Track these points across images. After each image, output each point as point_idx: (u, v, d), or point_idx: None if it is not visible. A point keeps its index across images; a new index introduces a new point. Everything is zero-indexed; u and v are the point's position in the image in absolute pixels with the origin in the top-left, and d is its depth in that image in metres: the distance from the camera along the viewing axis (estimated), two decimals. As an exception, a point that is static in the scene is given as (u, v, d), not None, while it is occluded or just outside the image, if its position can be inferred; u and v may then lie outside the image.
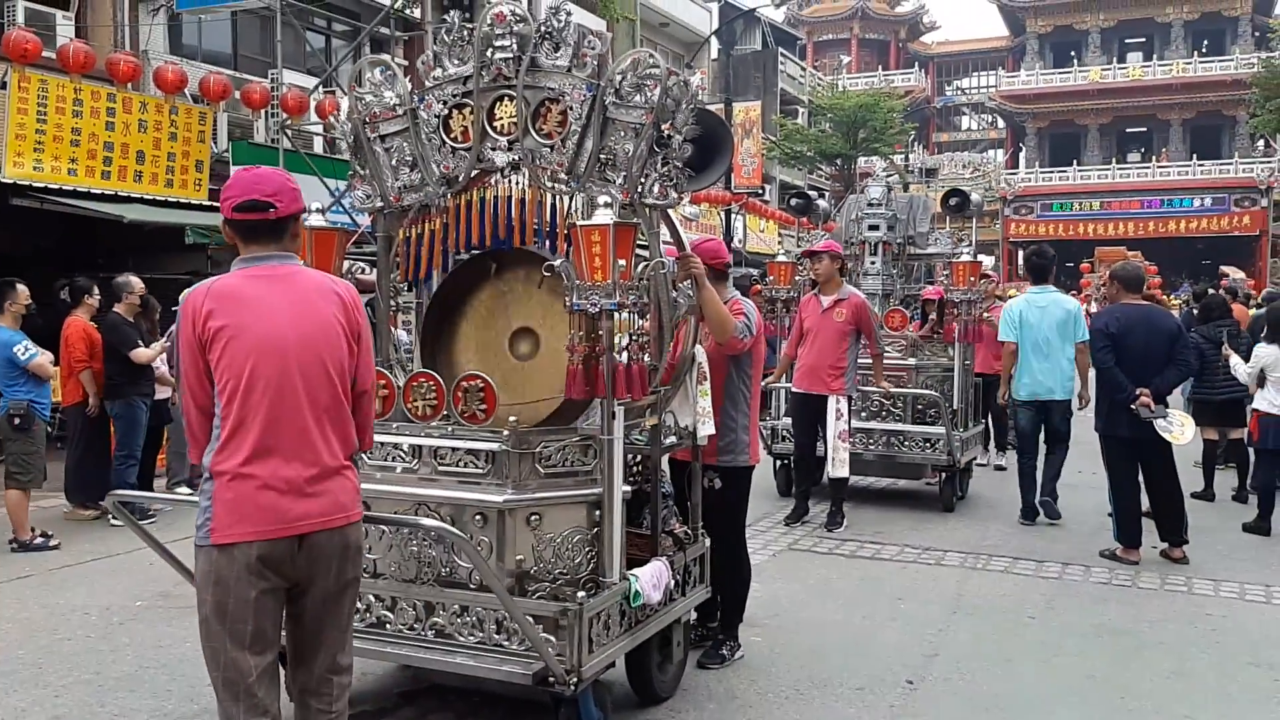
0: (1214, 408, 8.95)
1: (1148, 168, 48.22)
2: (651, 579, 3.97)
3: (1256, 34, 48.52)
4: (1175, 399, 7.87)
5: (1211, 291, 11.54)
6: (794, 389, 7.92)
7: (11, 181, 11.36)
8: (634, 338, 3.72)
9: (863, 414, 8.61)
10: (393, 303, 4.57)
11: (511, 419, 3.76)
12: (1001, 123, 57.51)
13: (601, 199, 3.56)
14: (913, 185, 40.04)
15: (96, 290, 8.25)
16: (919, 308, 9.72)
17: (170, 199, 13.18)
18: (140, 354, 8.06)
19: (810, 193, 10.54)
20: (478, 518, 3.72)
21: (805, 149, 34.61)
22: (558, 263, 3.63)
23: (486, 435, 3.77)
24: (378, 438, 3.74)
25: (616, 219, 3.50)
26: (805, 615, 5.73)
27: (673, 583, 4.20)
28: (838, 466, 7.62)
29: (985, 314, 9.93)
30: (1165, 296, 21.24)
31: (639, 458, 4.38)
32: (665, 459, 4.51)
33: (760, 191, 28.67)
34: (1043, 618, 5.74)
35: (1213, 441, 9.06)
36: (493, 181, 4.15)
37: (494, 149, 4.02)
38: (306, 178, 14.52)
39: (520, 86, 3.91)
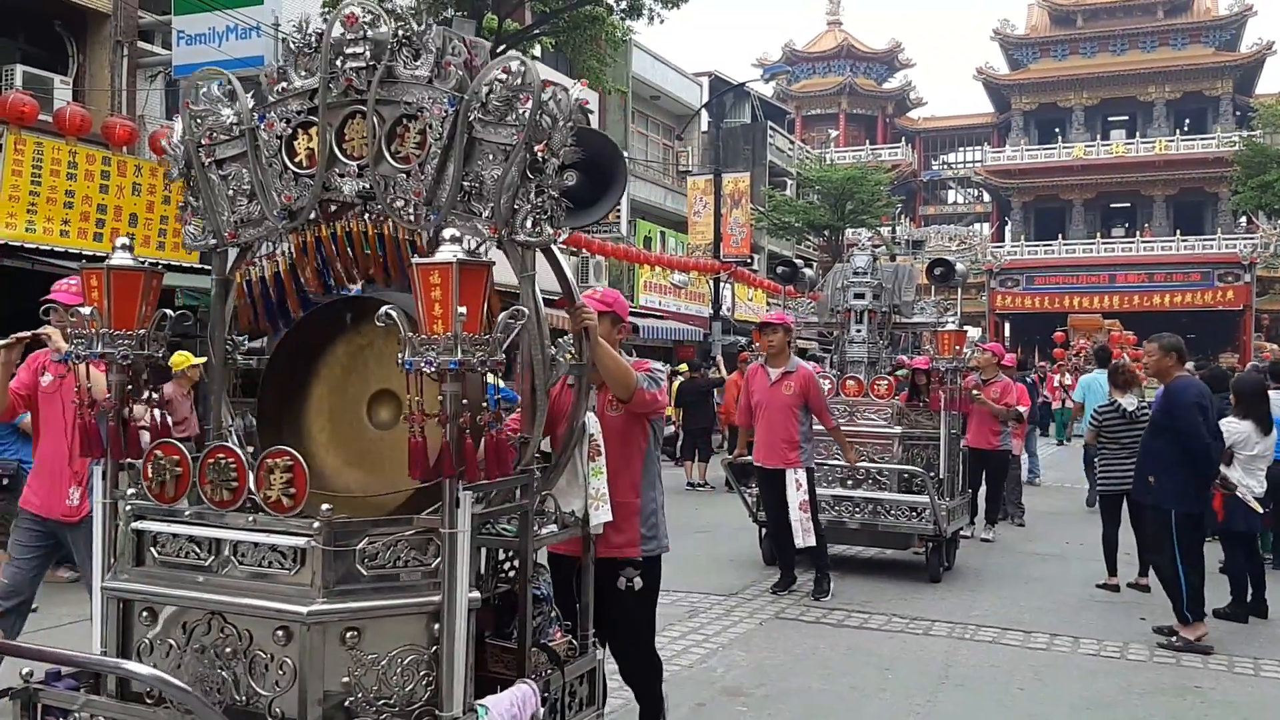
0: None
1: (1132, 242, 48.88)
2: (508, 709, 3.19)
3: (1238, 113, 49.60)
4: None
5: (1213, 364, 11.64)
6: (755, 462, 7.88)
7: (4, 242, 11.40)
8: (488, 404, 2.98)
9: (848, 482, 8.59)
10: (240, 360, 3.82)
11: (325, 507, 2.98)
12: (987, 196, 58.33)
13: (448, 232, 2.90)
14: (900, 257, 40.39)
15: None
16: (908, 377, 9.72)
17: (163, 262, 13.21)
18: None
19: (796, 261, 10.66)
20: (279, 633, 2.90)
21: (793, 220, 34.97)
22: (391, 309, 2.94)
23: (296, 528, 2.99)
24: (166, 528, 3.11)
25: (463, 256, 2.81)
26: (791, 684, 5.66)
27: (542, 712, 3.37)
28: (803, 537, 7.50)
29: (975, 391, 9.97)
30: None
31: (510, 554, 3.65)
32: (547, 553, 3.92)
33: (749, 261, 28.89)
34: (1032, 689, 5.69)
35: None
36: (346, 215, 3.47)
37: (342, 175, 3.34)
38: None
39: (372, 100, 3.23)
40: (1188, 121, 51.85)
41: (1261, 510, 6.92)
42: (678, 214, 29.22)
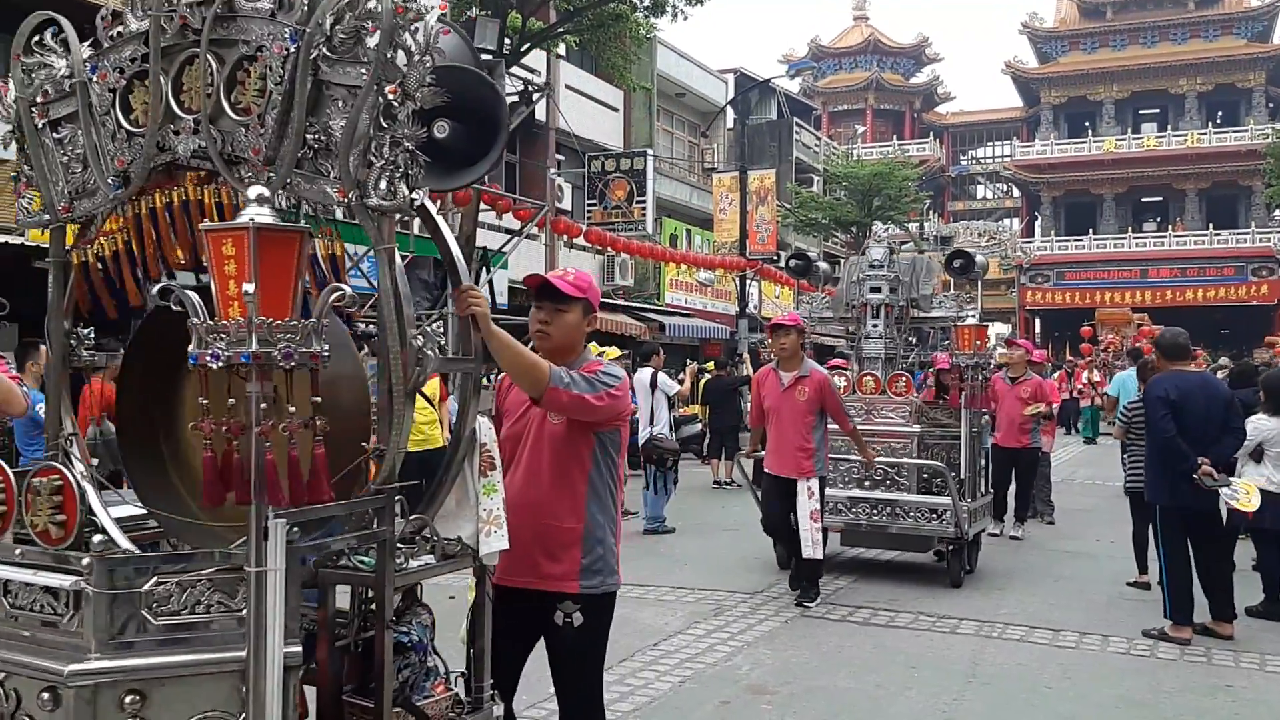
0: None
1: (1164, 237, 48.36)
2: None
3: (1271, 105, 48.96)
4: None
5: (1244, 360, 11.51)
6: (765, 469, 7.62)
7: (35, 244, 11.53)
8: (295, 410, 2.33)
9: (865, 483, 8.38)
10: (89, 355, 3.29)
11: (98, 539, 2.47)
12: (1016, 192, 57.85)
13: (254, 191, 2.35)
14: (928, 253, 40.17)
15: (121, 353, 8.30)
16: (933, 375, 9.67)
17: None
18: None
19: (810, 254, 10.16)
20: (44, 695, 2.35)
21: (820, 216, 34.84)
22: (173, 285, 2.48)
23: (66, 564, 2.47)
24: None
25: (265, 220, 2.25)
26: (817, 683, 5.64)
27: None
28: (812, 549, 7.21)
29: (1033, 410, 9.98)
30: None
31: (367, 592, 2.88)
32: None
33: (775, 258, 28.81)
34: (1059, 688, 5.64)
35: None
36: (185, 179, 2.91)
37: (178, 132, 2.77)
38: (325, 242, 14.73)
39: (205, 39, 2.66)
40: (1220, 114, 51.15)
41: (1250, 510, 6.75)
42: (703, 211, 29.19)
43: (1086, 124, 52.45)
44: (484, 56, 14.58)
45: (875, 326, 9.16)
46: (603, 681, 3.47)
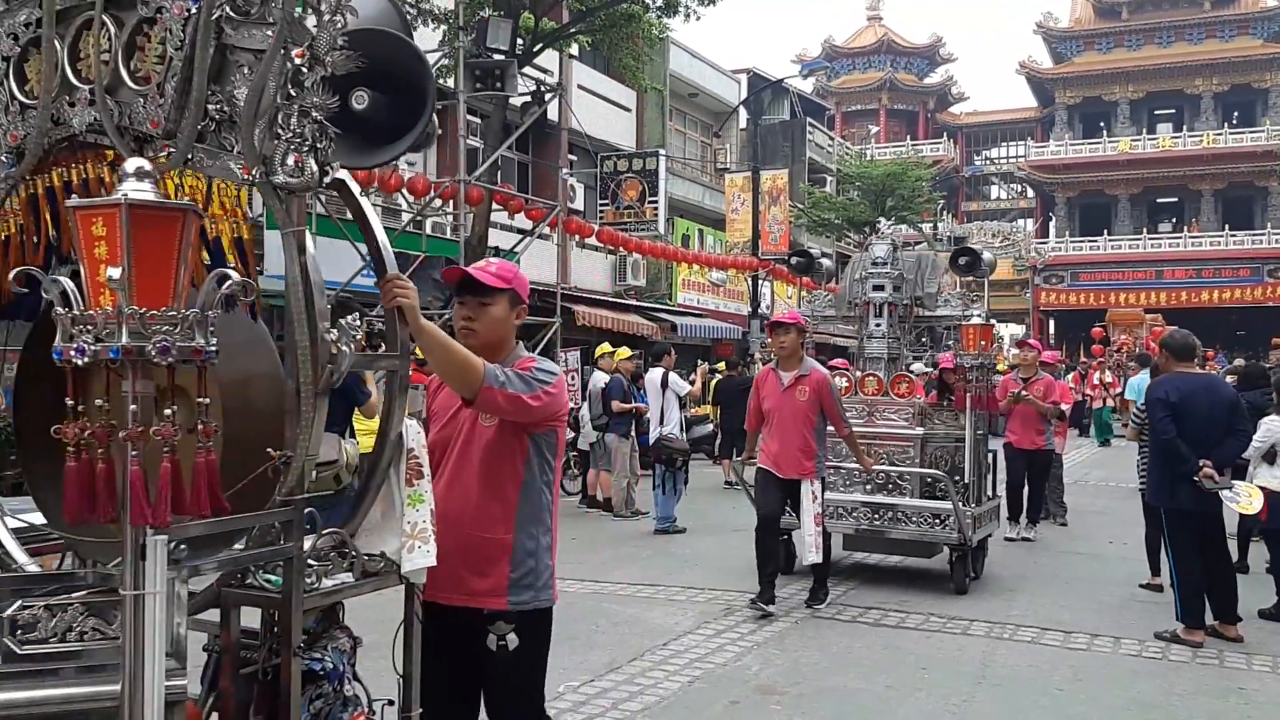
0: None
1: (1179, 238, 48.11)
2: None
3: (1287, 105, 48.62)
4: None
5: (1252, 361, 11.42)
6: (760, 465, 7.30)
7: (50, 243, 11.60)
8: (172, 414, 2.00)
9: (867, 486, 8.18)
10: None
11: None
12: (1031, 192, 57.64)
13: (131, 164, 2.05)
14: (941, 253, 40.08)
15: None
16: (937, 375, 9.58)
17: (204, 263, 13.35)
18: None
19: (812, 250, 9.81)
20: None
21: (833, 217, 34.79)
22: (34, 270, 2.24)
23: None
24: None
25: (139, 196, 1.97)
26: (827, 683, 5.63)
27: None
28: (814, 553, 7.07)
29: (1022, 391, 9.82)
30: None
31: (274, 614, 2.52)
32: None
33: (788, 259, 28.87)
34: (1071, 690, 5.62)
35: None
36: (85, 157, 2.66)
37: (73, 104, 2.52)
38: (338, 242, 14.78)
39: (100, 1, 2.41)
40: (1236, 114, 50.85)
41: (1251, 513, 6.70)
42: (716, 211, 29.17)
43: (1101, 124, 52.21)
44: (496, 57, 14.62)
45: (878, 325, 8.87)
46: (543, 709, 3.20)
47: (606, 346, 13.14)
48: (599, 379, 12.28)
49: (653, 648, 6.19)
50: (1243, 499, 6.53)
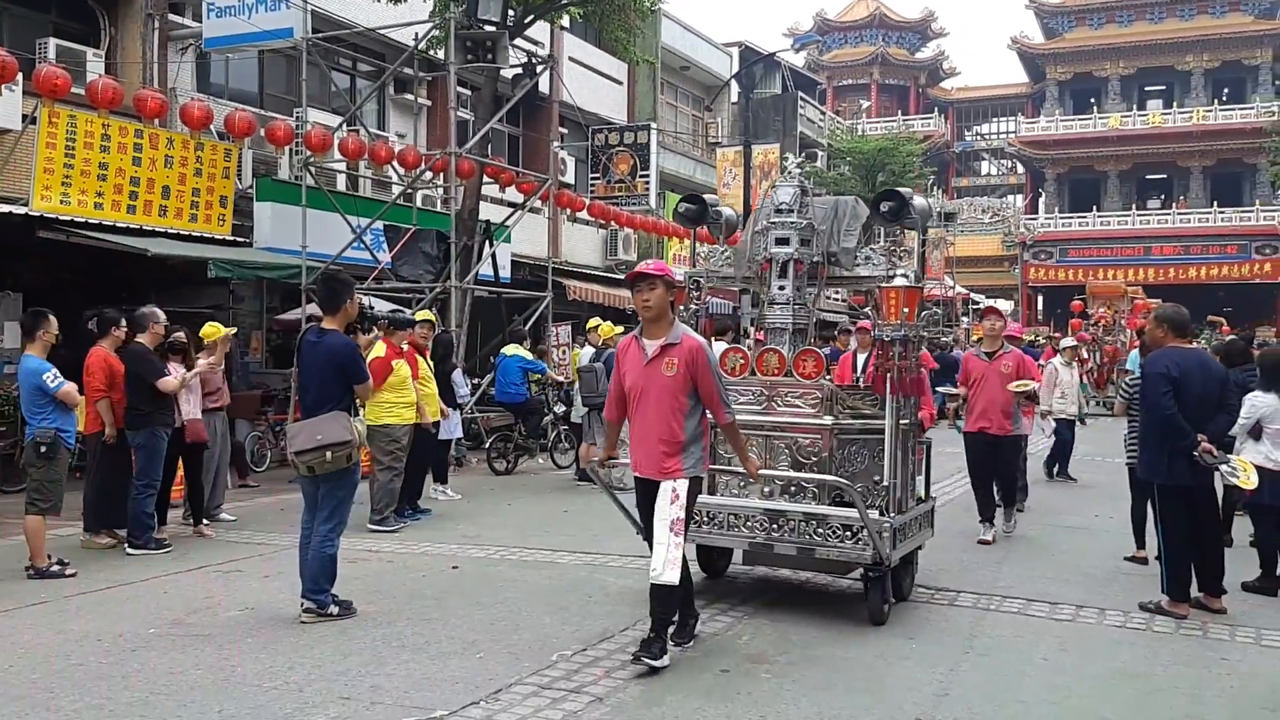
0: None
1: (1168, 214, 48.32)
2: None
3: (1277, 82, 48.70)
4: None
5: (1232, 337, 11.41)
6: (633, 472, 5.68)
7: (39, 214, 11.56)
8: None
9: (766, 489, 6.56)
10: None
11: None
12: (1021, 168, 57.70)
13: None
14: (931, 230, 40.09)
15: (124, 322, 8.36)
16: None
17: (195, 234, 13.39)
18: (167, 383, 8.16)
19: (707, 197, 7.67)
20: None
21: (824, 192, 34.81)
22: None
23: None
24: None
25: None
26: (815, 652, 5.69)
27: None
28: (666, 568, 5.24)
29: (1018, 386, 8.78)
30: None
31: None
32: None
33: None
34: (1056, 660, 5.70)
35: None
36: None
37: None
38: (329, 215, 14.72)
39: None
40: (1226, 91, 50.94)
41: (1249, 488, 6.78)
42: (707, 186, 29.12)
43: (1092, 100, 52.25)
44: (487, 28, 14.54)
45: (782, 289, 6.93)
46: None
47: (597, 321, 13.17)
48: (587, 353, 12.39)
49: (643, 617, 6.22)
50: (1240, 474, 6.61)
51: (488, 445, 13.79)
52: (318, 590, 6.13)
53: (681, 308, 6.55)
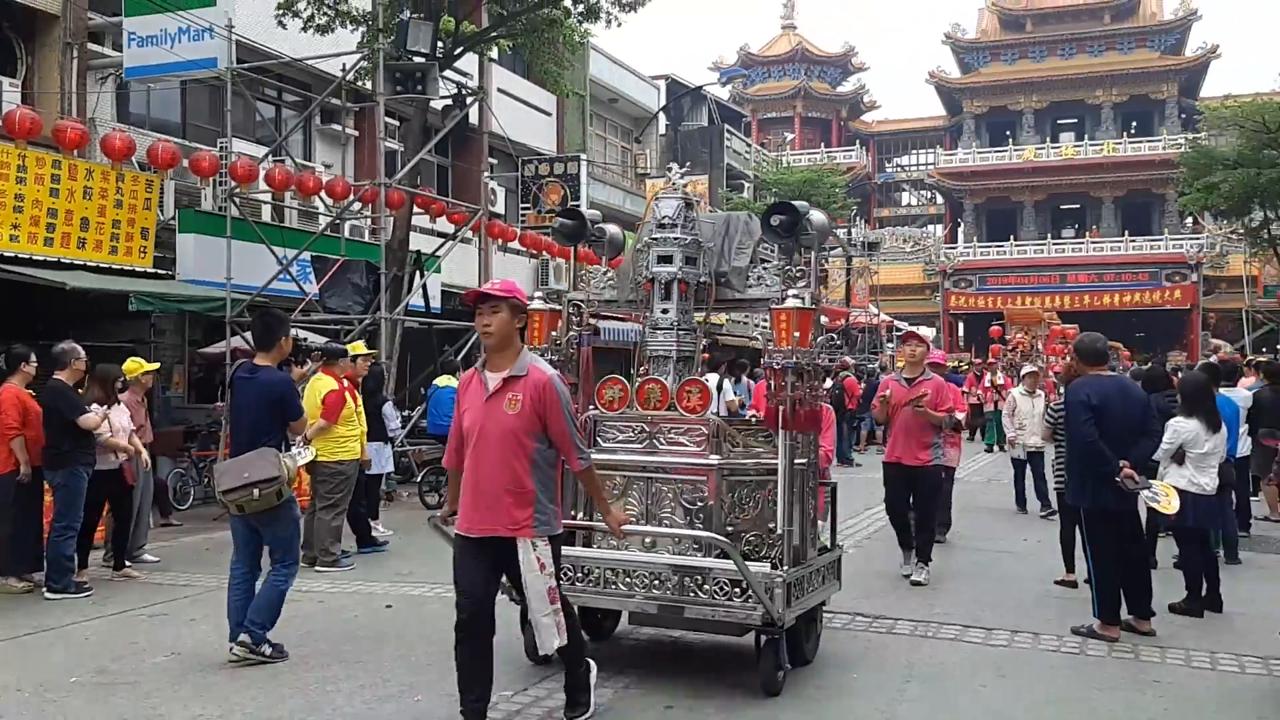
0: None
1: (1082, 243, 49.82)
2: None
3: (1183, 116, 50.58)
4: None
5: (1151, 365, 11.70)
6: (457, 530, 4.77)
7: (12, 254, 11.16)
8: None
9: (647, 540, 5.78)
10: None
11: None
12: (940, 199, 59.01)
13: None
14: (855, 259, 40.77)
15: (33, 358, 8.10)
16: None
17: (114, 266, 13.03)
18: (88, 420, 7.90)
19: (588, 213, 6.87)
20: None
21: (751, 222, 35.18)
22: None
23: None
24: None
25: None
26: (750, 698, 5.66)
27: None
28: (554, 636, 4.66)
29: (918, 403, 8.27)
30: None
31: None
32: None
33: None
34: (994, 685, 5.75)
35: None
36: None
37: None
38: (254, 246, 14.46)
39: None
40: (1135, 124, 52.79)
41: (1170, 512, 6.97)
42: (636, 216, 29.21)
43: (1007, 133, 53.72)
44: (416, 60, 14.46)
45: (665, 312, 6.21)
46: None
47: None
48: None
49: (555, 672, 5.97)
50: (1162, 499, 6.76)
51: (419, 479, 13.58)
52: (256, 624, 5.93)
53: (559, 333, 6.21)
